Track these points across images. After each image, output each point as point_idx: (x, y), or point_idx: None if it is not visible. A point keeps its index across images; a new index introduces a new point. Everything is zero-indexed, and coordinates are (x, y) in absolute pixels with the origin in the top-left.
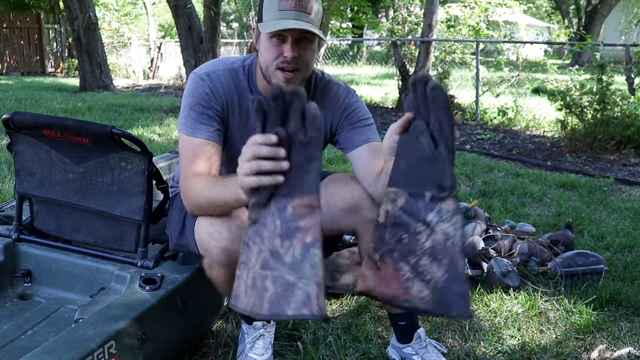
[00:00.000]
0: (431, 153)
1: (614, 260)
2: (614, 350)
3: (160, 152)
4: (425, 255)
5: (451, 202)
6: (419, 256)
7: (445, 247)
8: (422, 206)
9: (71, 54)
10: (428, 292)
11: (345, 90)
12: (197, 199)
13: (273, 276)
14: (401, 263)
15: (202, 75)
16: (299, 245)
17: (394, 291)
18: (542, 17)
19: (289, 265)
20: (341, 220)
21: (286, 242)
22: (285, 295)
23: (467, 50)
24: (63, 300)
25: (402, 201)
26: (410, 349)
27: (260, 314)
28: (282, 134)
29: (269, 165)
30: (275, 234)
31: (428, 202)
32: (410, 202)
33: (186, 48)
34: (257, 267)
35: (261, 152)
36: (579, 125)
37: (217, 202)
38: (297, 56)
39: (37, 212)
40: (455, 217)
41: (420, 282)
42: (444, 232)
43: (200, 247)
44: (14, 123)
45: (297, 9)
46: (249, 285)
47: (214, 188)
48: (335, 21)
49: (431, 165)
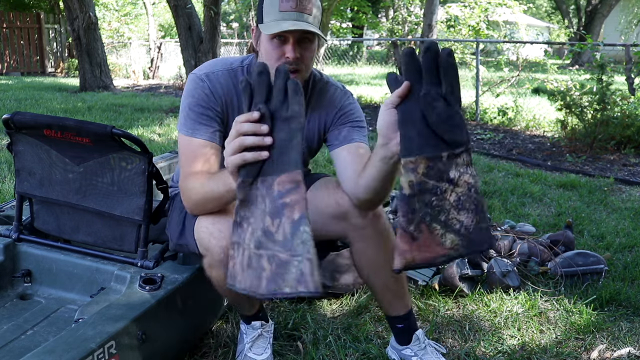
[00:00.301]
0: (447, 115)
1: (614, 260)
2: (614, 350)
3: (160, 152)
4: (453, 208)
5: (466, 155)
6: (448, 211)
7: (469, 195)
8: (441, 167)
9: (71, 54)
10: (459, 239)
11: (342, 91)
12: (195, 197)
13: (268, 255)
14: (434, 224)
15: (201, 76)
16: (288, 222)
17: (432, 253)
18: (542, 17)
19: (281, 244)
20: (329, 228)
21: (276, 220)
22: (280, 272)
23: (467, 50)
24: (63, 300)
25: (422, 168)
26: (409, 350)
27: (259, 293)
28: (264, 110)
29: (251, 140)
30: (265, 212)
31: (446, 161)
32: (430, 166)
33: (186, 48)
34: (252, 247)
35: (243, 129)
36: (579, 125)
37: (213, 196)
38: (299, 57)
39: (37, 212)
40: (470, 167)
41: (452, 233)
42: (466, 182)
43: (201, 246)
44: (14, 123)
45: (297, 9)
46: (245, 265)
47: (210, 183)
48: (335, 21)
49: (446, 125)
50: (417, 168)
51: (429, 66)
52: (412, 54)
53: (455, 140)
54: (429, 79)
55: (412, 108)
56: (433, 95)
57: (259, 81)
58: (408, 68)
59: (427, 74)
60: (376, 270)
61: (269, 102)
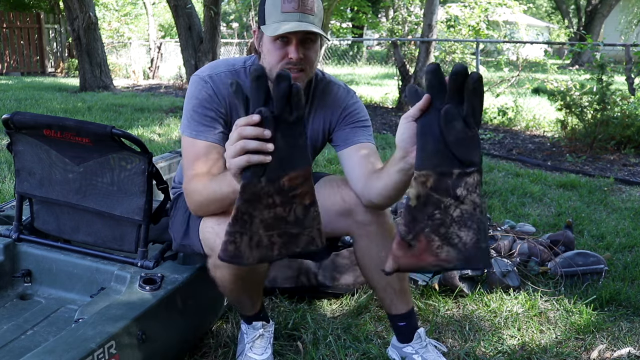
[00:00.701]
0: (464, 136)
1: (614, 260)
2: (614, 350)
3: (160, 152)
4: (455, 223)
5: (476, 175)
6: (449, 226)
7: (473, 214)
8: (450, 183)
9: (71, 54)
10: (456, 253)
11: (345, 90)
12: (199, 199)
13: (278, 233)
14: (432, 235)
15: (204, 78)
16: (300, 207)
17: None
18: (542, 17)
19: (293, 223)
20: (335, 224)
21: (287, 207)
22: (292, 241)
23: (467, 50)
24: (63, 300)
25: (431, 182)
26: (410, 348)
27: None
28: (267, 114)
29: (254, 145)
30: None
31: (456, 178)
32: (439, 181)
33: (186, 48)
34: (261, 231)
35: (245, 132)
36: (579, 125)
37: (216, 197)
38: (302, 57)
39: (37, 212)
40: (479, 187)
41: (449, 246)
42: (473, 201)
43: (206, 246)
44: (14, 123)
45: (300, 10)
46: (253, 245)
47: (213, 184)
48: (335, 21)
49: (463, 145)
50: (427, 182)
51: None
52: (436, 70)
53: (469, 160)
54: (452, 98)
55: (432, 122)
56: (453, 114)
57: (258, 85)
58: (431, 83)
59: (451, 92)
60: (379, 267)
61: (269, 105)
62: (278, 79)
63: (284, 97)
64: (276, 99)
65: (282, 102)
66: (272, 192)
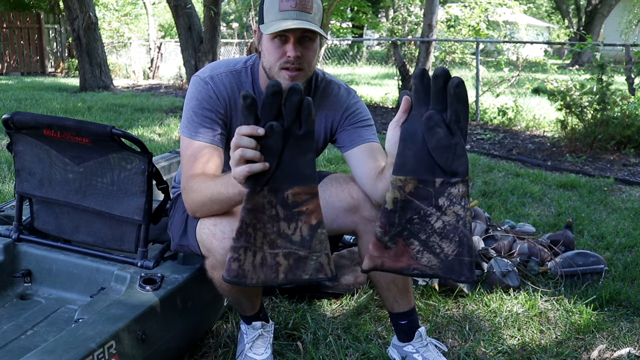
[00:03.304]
0: (448, 142)
1: (614, 260)
2: (614, 350)
3: (160, 152)
4: (436, 234)
5: (462, 186)
6: (430, 234)
7: (455, 227)
8: (432, 191)
9: (71, 54)
10: (437, 262)
11: (346, 90)
12: (201, 199)
13: (284, 253)
14: (411, 239)
15: (205, 78)
16: (306, 227)
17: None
18: (542, 17)
19: (299, 243)
20: (340, 221)
21: (292, 225)
22: (299, 266)
23: (467, 50)
24: (63, 300)
25: (410, 187)
26: (411, 347)
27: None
28: (278, 128)
29: (251, 154)
30: (278, 218)
31: (438, 187)
32: (419, 188)
33: (186, 48)
34: (265, 248)
35: (243, 142)
36: (579, 125)
37: (220, 198)
38: (300, 55)
39: (37, 212)
40: (464, 199)
41: (430, 254)
42: (455, 213)
43: (203, 247)
44: (14, 123)
45: (297, 8)
46: (257, 264)
47: (215, 186)
48: (335, 21)
49: (446, 153)
50: (404, 187)
51: (436, 91)
52: (422, 75)
53: (452, 169)
54: (435, 104)
55: (415, 128)
56: (436, 120)
57: (273, 101)
58: (417, 88)
59: (434, 98)
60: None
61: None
62: (290, 92)
63: (295, 110)
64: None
65: (293, 116)
66: (275, 203)
